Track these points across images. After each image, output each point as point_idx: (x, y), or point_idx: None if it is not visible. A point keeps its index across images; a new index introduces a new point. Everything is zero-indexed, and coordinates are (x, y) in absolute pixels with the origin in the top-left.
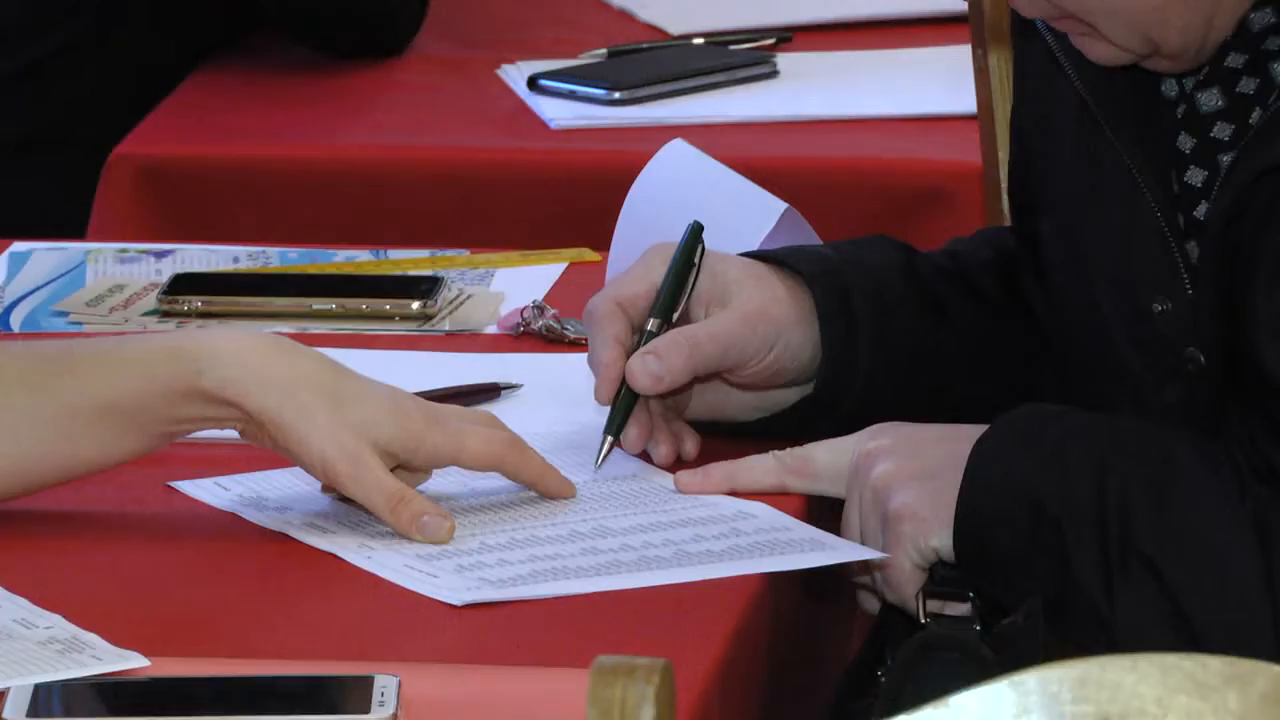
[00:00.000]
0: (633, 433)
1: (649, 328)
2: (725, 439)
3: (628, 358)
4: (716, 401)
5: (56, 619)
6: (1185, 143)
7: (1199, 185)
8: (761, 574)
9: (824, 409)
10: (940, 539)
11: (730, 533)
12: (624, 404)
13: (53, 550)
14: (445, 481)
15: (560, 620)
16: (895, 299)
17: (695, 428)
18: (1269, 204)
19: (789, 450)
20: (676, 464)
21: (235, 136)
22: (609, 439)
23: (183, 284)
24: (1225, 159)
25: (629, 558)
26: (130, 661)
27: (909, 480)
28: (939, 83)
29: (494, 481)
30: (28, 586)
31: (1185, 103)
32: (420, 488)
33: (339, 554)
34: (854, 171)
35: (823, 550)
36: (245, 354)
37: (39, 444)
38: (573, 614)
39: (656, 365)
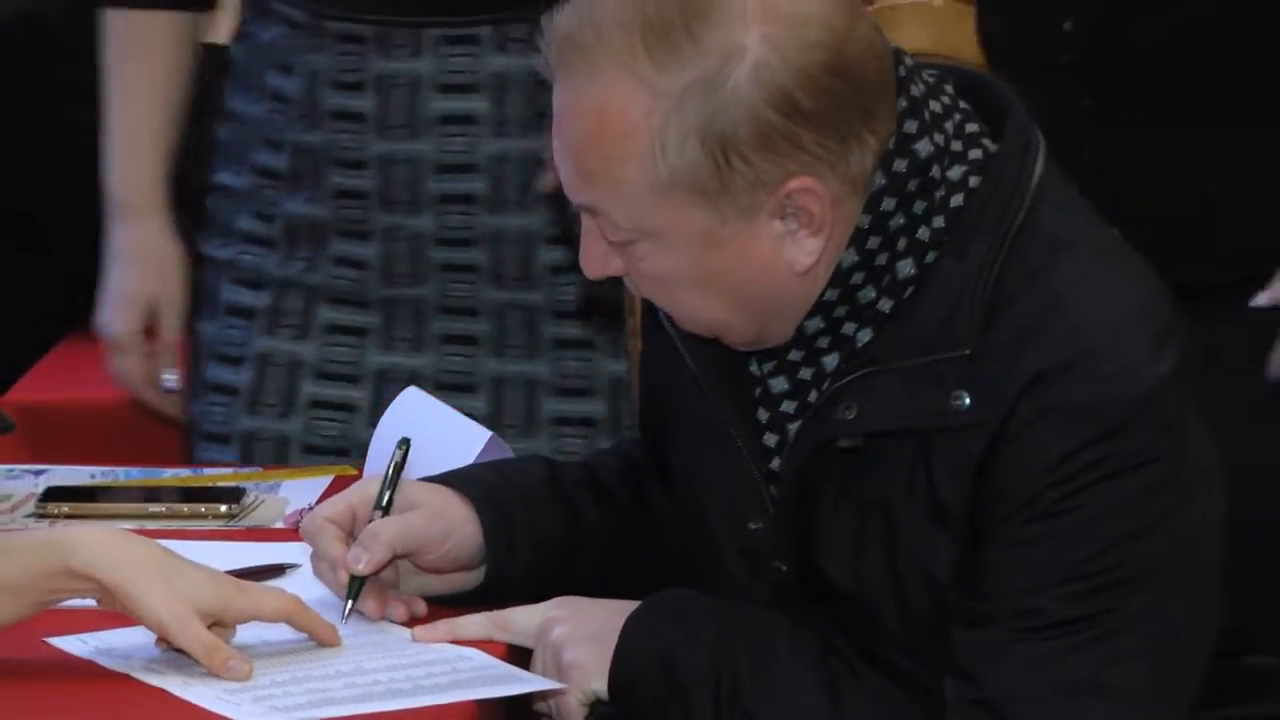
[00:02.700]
0: (371, 604)
1: (372, 519)
2: (450, 604)
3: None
4: (421, 584)
5: None
6: (762, 415)
7: (773, 446)
8: (475, 699)
9: (494, 595)
10: (599, 684)
11: (452, 670)
12: (356, 581)
13: None
14: (245, 635)
15: None
16: (542, 508)
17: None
18: (824, 465)
19: (496, 612)
20: (413, 620)
21: (90, 385)
22: (350, 603)
23: (54, 494)
24: (792, 428)
25: (379, 689)
26: None
27: (579, 641)
28: None
29: (281, 635)
30: None
31: (761, 385)
32: (229, 640)
33: (168, 689)
34: None
35: (518, 682)
36: (102, 543)
37: None
38: None
39: (362, 552)
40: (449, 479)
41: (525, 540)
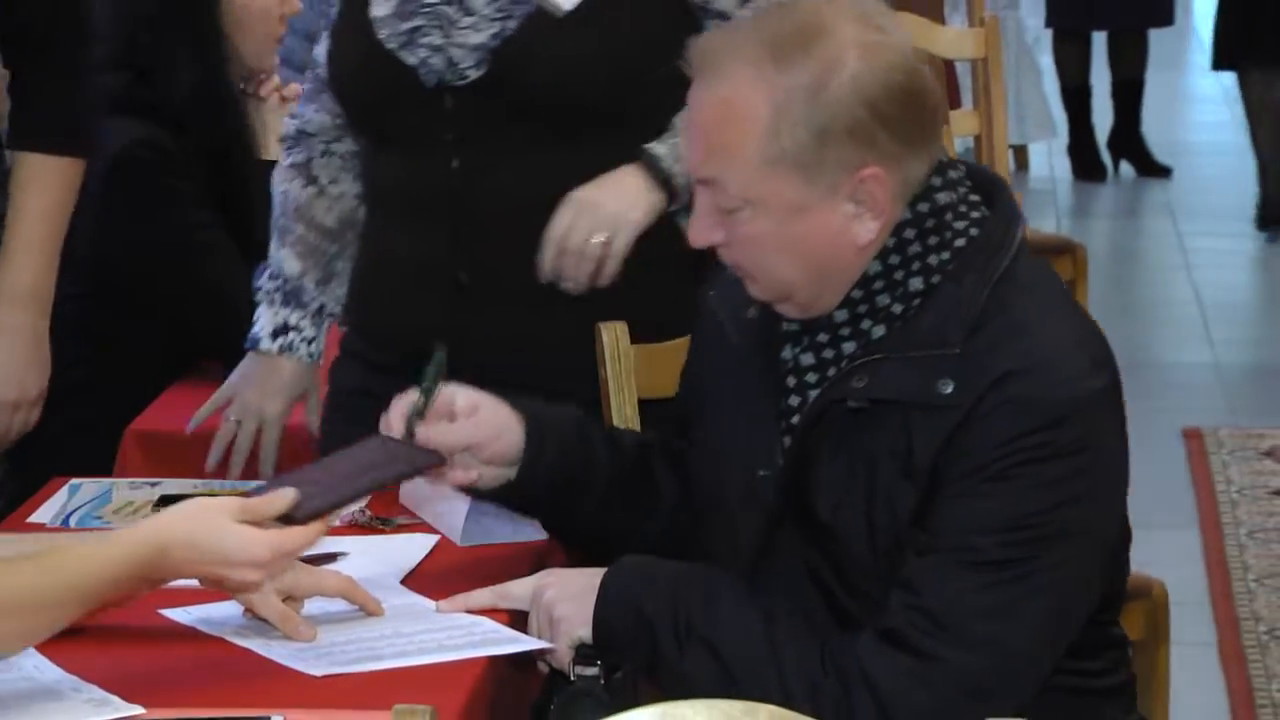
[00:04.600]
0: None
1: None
2: (464, 583)
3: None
4: (468, 469)
5: (92, 687)
6: (790, 382)
7: (794, 406)
8: (487, 655)
9: (521, 501)
10: (584, 631)
11: (469, 633)
12: (421, 400)
13: (93, 648)
14: (311, 607)
15: (375, 681)
16: (567, 441)
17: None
18: (832, 420)
19: (499, 585)
20: (437, 595)
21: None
22: (415, 419)
23: (167, 500)
24: (812, 394)
25: (413, 648)
26: (136, 710)
27: (565, 599)
28: None
29: (338, 606)
30: (78, 668)
31: (793, 361)
32: (299, 611)
33: (252, 648)
34: None
35: (520, 643)
36: None
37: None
38: (382, 678)
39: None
40: (505, 399)
41: (552, 452)
